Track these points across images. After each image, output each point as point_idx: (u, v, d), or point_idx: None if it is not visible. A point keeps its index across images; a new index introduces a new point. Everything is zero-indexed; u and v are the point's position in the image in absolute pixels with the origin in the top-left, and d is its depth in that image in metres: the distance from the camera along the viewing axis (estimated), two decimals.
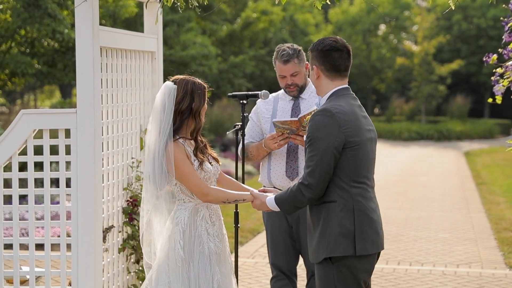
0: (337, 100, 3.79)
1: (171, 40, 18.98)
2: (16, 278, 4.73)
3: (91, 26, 4.45)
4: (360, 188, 3.75)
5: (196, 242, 4.01)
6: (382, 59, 34.90)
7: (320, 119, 3.71)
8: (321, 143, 3.67)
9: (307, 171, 3.70)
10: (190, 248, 4.00)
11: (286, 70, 4.87)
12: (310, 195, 3.70)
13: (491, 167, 17.63)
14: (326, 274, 3.75)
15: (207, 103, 4.14)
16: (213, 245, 4.04)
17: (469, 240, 9.07)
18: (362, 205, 3.73)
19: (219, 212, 4.19)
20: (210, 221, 4.09)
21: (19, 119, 4.62)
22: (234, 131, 4.90)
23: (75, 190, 4.56)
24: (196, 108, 4.06)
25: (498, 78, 4.38)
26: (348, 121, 3.71)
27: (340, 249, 3.69)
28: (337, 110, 3.71)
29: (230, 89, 21.39)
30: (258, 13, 23.06)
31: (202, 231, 4.03)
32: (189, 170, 3.97)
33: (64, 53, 13.42)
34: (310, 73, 3.93)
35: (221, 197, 4.04)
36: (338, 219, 3.70)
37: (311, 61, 3.90)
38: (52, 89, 38.40)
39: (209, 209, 4.10)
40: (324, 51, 3.82)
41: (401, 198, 12.73)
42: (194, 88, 4.07)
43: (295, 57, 4.87)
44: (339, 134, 3.67)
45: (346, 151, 3.70)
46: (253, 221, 10.07)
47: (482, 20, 33.28)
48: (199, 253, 4.00)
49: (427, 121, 31.99)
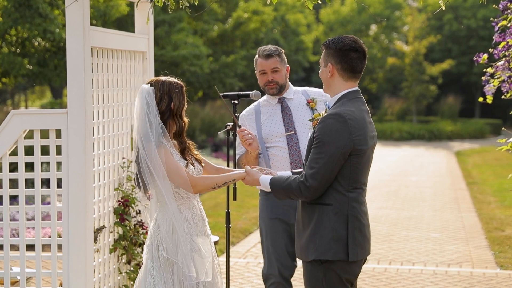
0: (349, 105, 3.73)
1: (163, 40, 18.96)
2: (7, 279, 4.71)
3: (82, 26, 4.44)
4: (356, 193, 3.74)
5: (179, 242, 4.00)
6: (373, 59, 34.95)
7: (332, 123, 3.65)
8: (329, 147, 3.63)
9: (310, 172, 3.66)
10: (173, 249, 4.00)
11: (267, 65, 4.88)
12: (308, 195, 3.70)
13: (482, 166, 17.69)
14: (314, 274, 3.76)
15: (189, 102, 4.15)
16: (196, 245, 4.03)
17: (460, 239, 9.09)
18: (356, 210, 3.72)
19: (202, 213, 4.18)
20: (192, 221, 4.07)
21: (9, 119, 4.61)
22: (225, 131, 4.90)
23: (66, 190, 4.54)
24: (176, 107, 4.05)
25: (488, 78, 4.40)
26: (359, 128, 3.68)
27: (331, 253, 3.69)
28: (349, 116, 3.66)
29: (221, 89, 21.39)
30: (250, 13, 23.06)
31: (185, 231, 4.02)
32: (173, 166, 3.96)
33: (55, 53, 13.38)
34: (323, 70, 3.83)
35: (209, 184, 4.01)
36: (331, 222, 3.69)
37: (326, 58, 3.79)
38: (43, 89, 38.30)
39: (191, 210, 4.09)
40: (343, 51, 3.74)
41: (392, 197, 12.75)
42: (171, 87, 4.06)
43: (277, 54, 4.91)
44: (348, 141, 3.64)
45: (351, 158, 3.67)
46: (244, 221, 10.06)
47: (472, 21, 33.40)
48: (182, 254, 3.99)
49: (418, 121, 32.08)
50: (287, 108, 4.93)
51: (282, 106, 4.94)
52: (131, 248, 5.19)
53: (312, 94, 5.00)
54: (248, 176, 4.01)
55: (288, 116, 4.91)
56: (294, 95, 4.97)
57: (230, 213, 4.82)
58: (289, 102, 4.95)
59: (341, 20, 35.47)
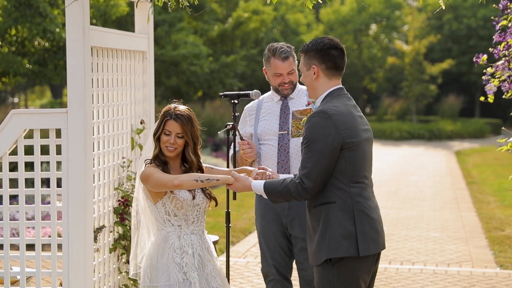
0: (333, 101, 3.76)
1: (162, 40, 18.96)
2: (7, 278, 4.71)
3: (82, 25, 4.44)
4: (359, 188, 3.74)
5: (162, 268, 3.99)
6: (373, 59, 34.97)
7: (317, 120, 3.68)
8: (318, 145, 3.65)
9: (303, 172, 3.67)
10: (156, 276, 4.00)
11: (284, 67, 4.80)
12: (306, 196, 3.69)
13: (481, 166, 17.69)
14: (326, 276, 3.72)
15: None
16: (180, 275, 3.98)
17: (460, 239, 9.10)
18: (361, 204, 3.72)
19: (200, 243, 4.11)
20: (181, 250, 4.03)
21: (9, 119, 4.61)
22: (225, 131, 4.89)
23: (66, 190, 4.54)
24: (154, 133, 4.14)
25: (489, 77, 4.40)
26: (345, 122, 3.69)
27: (341, 250, 3.67)
28: (333, 111, 3.69)
29: (221, 89, 21.39)
30: (250, 12, 23.06)
31: (169, 259, 4.00)
32: (155, 174, 4.00)
33: (55, 53, 13.38)
34: (306, 74, 3.85)
35: (191, 177, 3.95)
36: (337, 219, 3.68)
37: (308, 61, 3.83)
38: (43, 89, 38.30)
39: (181, 239, 4.06)
40: (324, 50, 3.80)
41: (392, 197, 12.76)
42: (161, 113, 4.16)
43: (291, 54, 4.83)
44: (336, 135, 3.65)
45: (344, 152, 3.68)
46: (244, 220, 10.07)
47: (472, 20, 33.41)
48: (165, 279, 3.98)
49: (418, 121, 32.08)
50: (286, 107, 4.91)
51: (283, 105, 4.93)
52: (130, 247, 5.19)
53: None
54: (237, 182, 3.94)
55: (285, 116, 4.89)
56: (297, 95, 4.95)
57: (230, 212, 4.82)
58: (290, 101, 4.92)
59: (341, 19, 35.46)
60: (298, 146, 4.79)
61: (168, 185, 3.95)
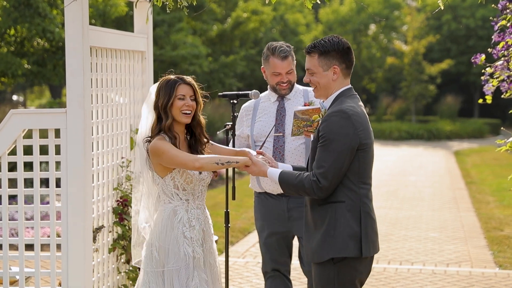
0: (347, 101, 3.75)
1: (162, 40, 18.96)
2: (6, 278, 4.71)
3: (81, 25, 4.44)
4: (366, 189, 3.75)
5: (172, 244, 3.97)
6: (372, 59, 34.96)
7: (336, 120, 3.66)
8: (336, 144, 3.63)
9: (320, 171, 3.64)
10: (165, 250, 3.97)
11: (283, 67, 4.78)
12: (320, 195, 3.68)
13: (480, 166, 17.70)
14: (326, 275, 3.73)
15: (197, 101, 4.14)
16: (191, 249, 3.98)
17: (459, 239, 9.10)
18: (367, 206, 3.73)
19: (203, 217, 4.12)
20: (188, 224, 4.01)
21: (8, 119, 4.61)
22: (224, 131, 4.89)
23: (65, 190, 4.54)
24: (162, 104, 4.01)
25: (488, 77, 4.40)
26: (362, 123, 3.70)
27: (348, 251, 3.68)
28: (352, 111, 3.68)
29: (221, 88, 21.39)
30: (249, 13, 23.07)
31: (179, 234, 3.98)
32: (171, 150, 3.90)
33: (54, 53, 13.38)
34: (323, 75, 3.79)
35: (212, 160, 3.90)
36: (345, 220, 3.68)
37: (327, 62, 3.78)
38: (42, 89, 38.29)
39: (189, 213, 4.04)
40: (345, 49, 3.79)
41: (391, 197, 12.76)
42: (161, 85, 4.06)
43: (290, 54, 4.81)
44: (354, 136, 3.65)
45: (359, 153, 3.68)
46: (243, 220, 10.07)
47: (471, 20, 33.43)
48: (174, 255, 3.96)
49: (417, 121, 32.09)
50: (282, 108, 4.88)
51: (279, 106, 4.90)
52: (130, 247, 5.19)
53: (312, 96, 4.96)
54: (255, 166, 3.92)
55: (281, 117, 4.87)
56: (294, 95, 4.92)
57: (229, 212, 4.82)
58: (287, 102, 4.89)
59: (340, 19, 35.46)
60: (293, 148, 4.80)
61: (188, 166, 3.88)
